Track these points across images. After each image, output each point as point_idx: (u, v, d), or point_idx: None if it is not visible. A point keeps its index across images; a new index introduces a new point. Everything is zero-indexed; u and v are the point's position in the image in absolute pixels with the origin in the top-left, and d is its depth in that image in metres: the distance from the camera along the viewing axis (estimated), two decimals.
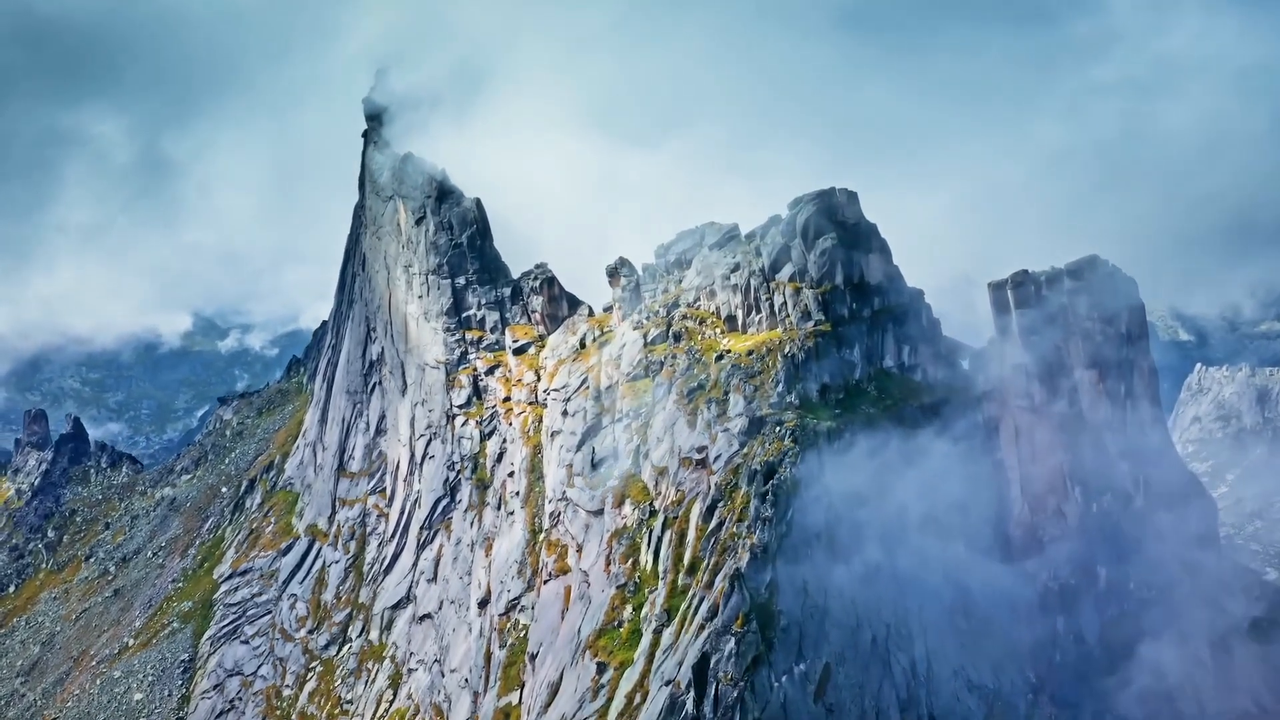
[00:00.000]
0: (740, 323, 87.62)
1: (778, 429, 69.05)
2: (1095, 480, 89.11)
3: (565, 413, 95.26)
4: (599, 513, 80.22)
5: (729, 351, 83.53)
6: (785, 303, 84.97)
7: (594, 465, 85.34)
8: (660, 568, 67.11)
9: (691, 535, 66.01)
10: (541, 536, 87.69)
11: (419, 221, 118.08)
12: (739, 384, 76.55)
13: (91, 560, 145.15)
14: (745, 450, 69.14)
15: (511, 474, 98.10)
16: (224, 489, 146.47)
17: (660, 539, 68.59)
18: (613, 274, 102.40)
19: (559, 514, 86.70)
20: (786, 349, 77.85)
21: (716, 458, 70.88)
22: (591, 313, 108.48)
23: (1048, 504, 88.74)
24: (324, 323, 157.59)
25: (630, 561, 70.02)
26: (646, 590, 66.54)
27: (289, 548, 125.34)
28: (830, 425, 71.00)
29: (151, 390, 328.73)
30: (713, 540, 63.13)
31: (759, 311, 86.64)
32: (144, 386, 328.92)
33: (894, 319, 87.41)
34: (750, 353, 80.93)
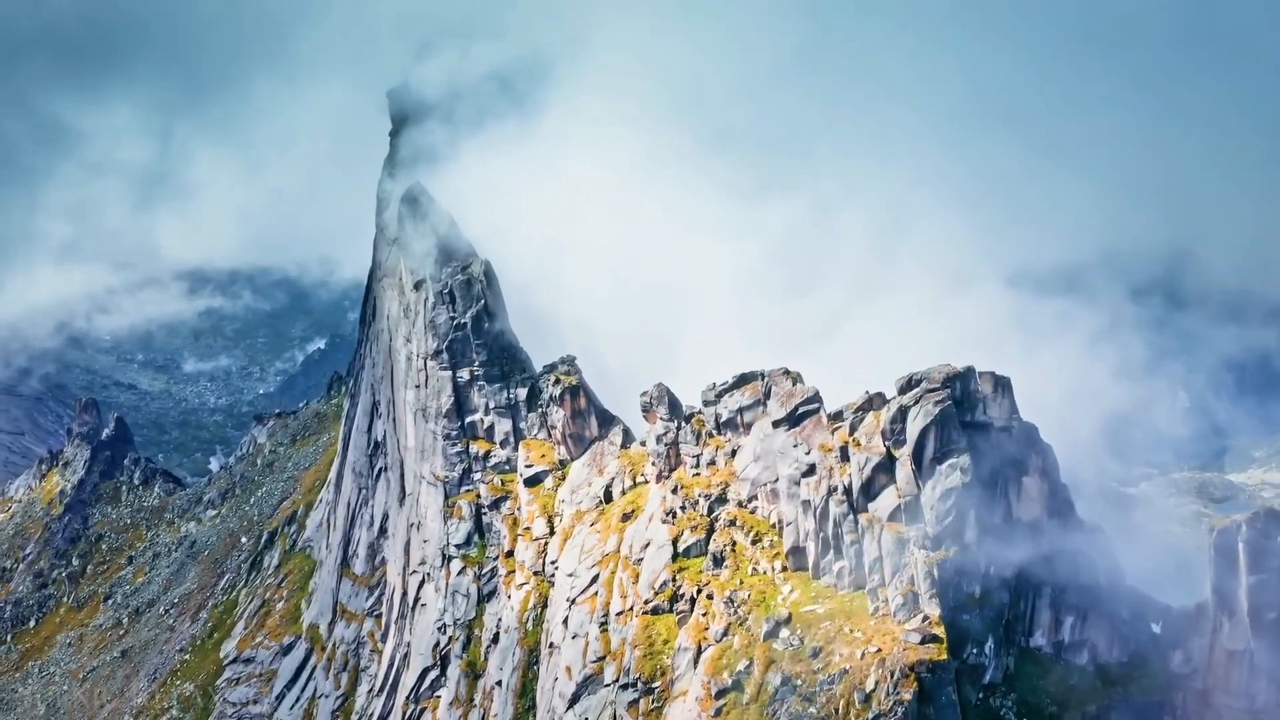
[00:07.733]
0: (811, 563, 58.09)
1: None
2: None
3: (565, 622, 69.58)
4: None
5: (788, 622, 54.73)
6: (880, 558, 54.70)
7: None
8: None
9: None
10: None
11: (418, 285, 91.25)
12: None
13: (109, 602, 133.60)
14: None
15: (500, 684, 74.05)
16: (244, 538, 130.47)
17: None
18: (647, 410, 73.56)
19: None
20: (869, 686, 48.32)
21: None
22: (627, 439, 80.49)
23: None
24: (358, 344, 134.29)
25: None
26: None
27: (291, 646, 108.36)
28: None
29: (268, 319, 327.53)
30: None
31: (839, 556, 56.71)
32: (261, 315, 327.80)
33: (1053, 576, 55.97)
34: (816, 653, 51.86)
